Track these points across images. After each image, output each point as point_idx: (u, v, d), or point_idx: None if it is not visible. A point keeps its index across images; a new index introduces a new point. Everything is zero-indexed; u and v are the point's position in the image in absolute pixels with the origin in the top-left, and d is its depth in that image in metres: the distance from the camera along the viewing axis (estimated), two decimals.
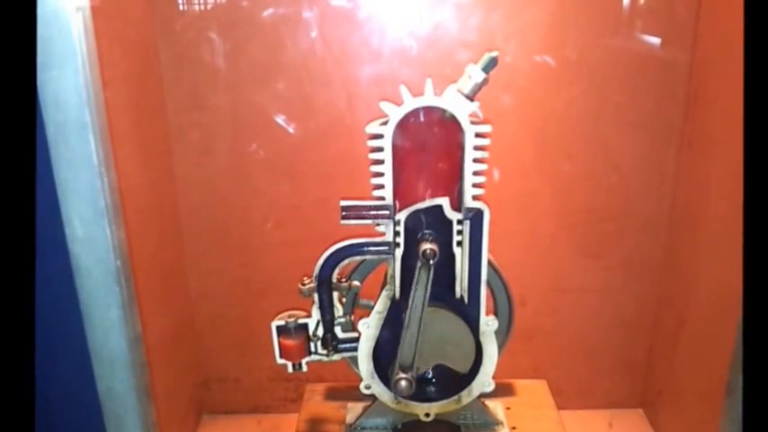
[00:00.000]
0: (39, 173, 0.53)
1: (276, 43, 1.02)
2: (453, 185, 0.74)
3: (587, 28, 1.02)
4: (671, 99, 1.05)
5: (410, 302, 0.75)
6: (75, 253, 0.63)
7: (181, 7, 1.02)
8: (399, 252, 0.76)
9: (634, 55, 1.05)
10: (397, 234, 0.75)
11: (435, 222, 0.75)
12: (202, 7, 1.02)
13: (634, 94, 1.06)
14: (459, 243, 0.76)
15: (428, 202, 0.74)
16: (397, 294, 0.78)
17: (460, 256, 0.76)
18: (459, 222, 0.75)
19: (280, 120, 1.07)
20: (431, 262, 0.73)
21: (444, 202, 0.74)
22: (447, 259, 0.76)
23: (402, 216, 0.75)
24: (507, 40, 1.02)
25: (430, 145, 0.73)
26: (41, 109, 0.58)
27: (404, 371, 0.78)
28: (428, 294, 0.75)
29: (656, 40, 1.04)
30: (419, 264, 0.74)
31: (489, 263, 0.78)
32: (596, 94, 1.05)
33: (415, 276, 0.74)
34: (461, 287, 0.78)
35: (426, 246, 0.73)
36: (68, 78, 0.58)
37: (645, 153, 1.09)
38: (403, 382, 0.77)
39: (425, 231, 0.75)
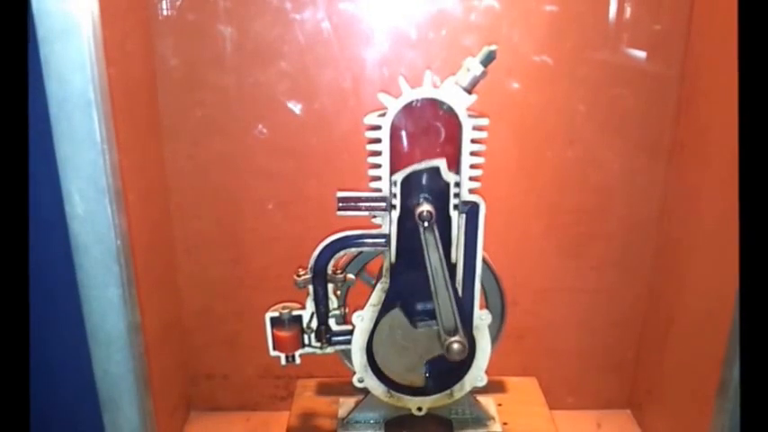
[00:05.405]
0: (40, 149, 0.53)
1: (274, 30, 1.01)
2: (451, 149, 0.73)
3: (579, 34, 1.03)
4: (662, 102, 1.07)
5: (429, 271, 0.75)
6: (74, 231, 0.62)
7: None
8: (396, 215, 0.75)
9: (625, 60, 1.06)
10: (393, 196, 0.74)
11: (432, 185, 0.74)
12: None
13: (626, 96, 1.07)
14: (456, 206, 0.75)
15: (425, 164, 0.73)
16: (393, 259, 0.77)
17: (456, 220, 0.75)
18: (457, 185, 0.74)
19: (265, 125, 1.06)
20: (426, 224, 0.73)
21: (441, 163, 0.73)
22: (443, 225, 0.75)
23: (399, 177, 0.74)
24: (508, 31, 1.02)
25: (428, 127, 0.73)
26: (44, 83, 0.57)
27: (450, 334, 0.78)
28: (442, 254, 0.74)
29: (647, 47, 1.05)
30: (421, 228, 0.73)
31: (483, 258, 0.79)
32: (587, 95, 1.06)
33: (423, 242, 0.74)
34: (457, 253, 0.77)
35: (422, 208, 0.73)
36: (72, 53, 0.57)
37: (636, 154, 1.10)
38: (455, 345, 0.77)
39: (422, 195, 0.74)
